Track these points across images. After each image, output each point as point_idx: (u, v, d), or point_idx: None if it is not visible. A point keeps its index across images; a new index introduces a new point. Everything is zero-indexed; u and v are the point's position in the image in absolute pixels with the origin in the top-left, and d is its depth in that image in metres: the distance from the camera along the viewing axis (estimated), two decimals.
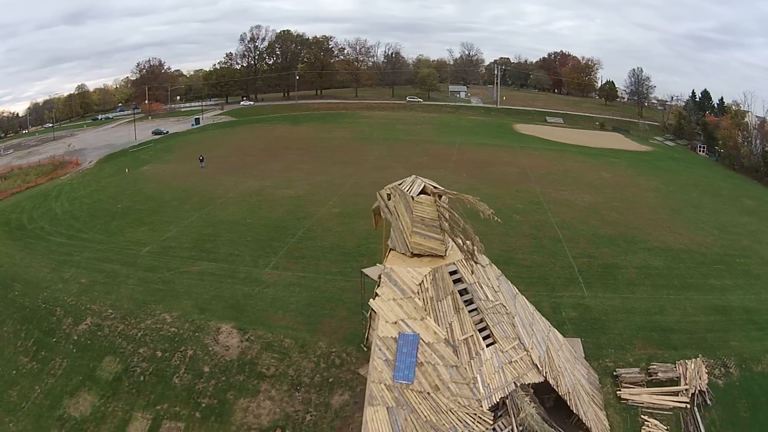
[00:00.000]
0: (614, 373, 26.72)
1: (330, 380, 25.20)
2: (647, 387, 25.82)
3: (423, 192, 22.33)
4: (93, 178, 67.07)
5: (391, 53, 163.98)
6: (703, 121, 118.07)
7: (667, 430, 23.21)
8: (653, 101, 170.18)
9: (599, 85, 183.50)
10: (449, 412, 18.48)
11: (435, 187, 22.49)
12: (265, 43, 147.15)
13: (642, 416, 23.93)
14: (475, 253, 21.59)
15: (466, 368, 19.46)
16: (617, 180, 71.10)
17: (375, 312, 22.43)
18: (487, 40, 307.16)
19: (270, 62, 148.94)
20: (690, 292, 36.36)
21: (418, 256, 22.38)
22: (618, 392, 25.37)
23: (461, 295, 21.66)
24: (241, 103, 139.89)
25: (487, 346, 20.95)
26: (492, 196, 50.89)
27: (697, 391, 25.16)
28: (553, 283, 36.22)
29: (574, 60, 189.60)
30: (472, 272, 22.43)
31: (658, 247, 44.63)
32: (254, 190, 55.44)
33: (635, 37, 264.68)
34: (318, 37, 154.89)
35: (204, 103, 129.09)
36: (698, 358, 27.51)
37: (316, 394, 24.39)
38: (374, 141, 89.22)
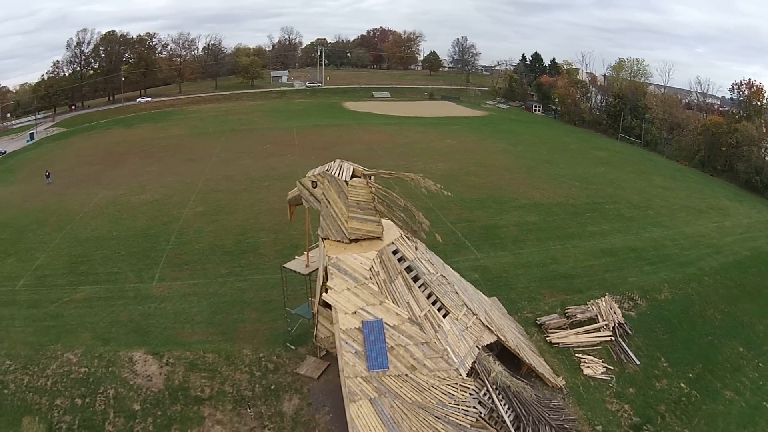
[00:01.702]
0: (537, 322, 28.36)
1: (272, 387, 23.38)
2: (571, 329, 27.78)
3: (353, 175, 21.53)
4: None
5: (211, 44, 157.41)
6: (537, 82, 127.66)
7: (602, 362, 25.20)
8: (479, 68, 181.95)
9: (422, 57, 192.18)
10: (432, 388, 18.22)
11: (365, 170, 21.80)
12: (91, 47, 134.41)
13: (576, 355, 25.72)
14: (423, 229, 21.36)
15: (435, 342, 19.25)
16: (464, 146, 74.77)
17: (323, 307, 21.51)
18: (300, 23, 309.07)
19: (96, 66, 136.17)
20: (574, 240, 39.74)
21: (356, 241, 21.62)
22: (547, 338, 26.99)
23: (407, 272, 21.41)
24: (138, 100, 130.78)
25: (443, 317, 20.99)
26: None
27: (616, 325, 27.69)
28: (443, 250, 36.71)
29: (394, 35, 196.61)
30: (416, 248, 22.24)
31: (528, 204, 47.96)
32: (109, 200, 50.09)
33: (450, 7, 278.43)
34: (141, 35, 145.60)
35: (36, 117, 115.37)
36: (606, 296, 30.25)
37: (264, 406, 22.43)
38: (211, 135, 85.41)
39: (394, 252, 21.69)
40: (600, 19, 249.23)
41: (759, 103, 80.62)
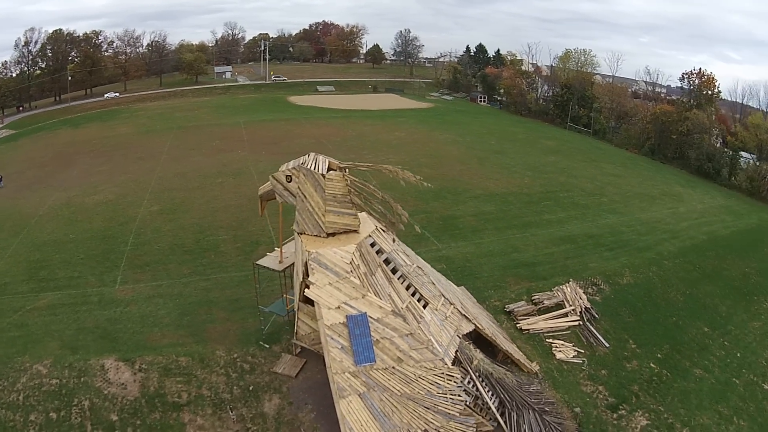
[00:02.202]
0: (506, 309, 28.93)
1: (251, 388, 23.02)
2: (539, 315, 28.48)
3: (329, 168, 21.40)
4: None
5: (155, 41, 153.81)
6: (482, 74, 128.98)
7: (573, 346, 25.97)
8: (422, 60, 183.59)
9: (365, 50, 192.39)
10: (419, 379, 18.35)
11: (340, 163, 21.70)
12: (38, 46, 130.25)
13: (547, 341, 26.43)
14: (401, 220, 21.43)
15: (419, 333, 19.40)
16: (413, 138, 75.18)
17: (303, 303, 21.31)
18: (240, 18, 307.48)
19: (42, 66, 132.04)
20: (532, 229, 40.67)
21: (332, 235, 21.52)
22: (517, 325, 27.59)
23: (385, 264, 21.49)
24: (106, 95, 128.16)
25: (423, 307, 21.18)
26: None
27: (582, 310, 28.56)
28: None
29: (337, 28, 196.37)
30: (394, 240, 22.32)
31: (483, 194, 48.67)
32: (63, 202, 48.29)
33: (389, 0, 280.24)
34: (87, 33, 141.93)
35: None
36: (570, 282, 31.13)
37: (245, 408, 22.07)
38: (159, 132, 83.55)
39: (372, 245, 21.71)
40: (541, 10, 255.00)
41: (710, 92, 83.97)
